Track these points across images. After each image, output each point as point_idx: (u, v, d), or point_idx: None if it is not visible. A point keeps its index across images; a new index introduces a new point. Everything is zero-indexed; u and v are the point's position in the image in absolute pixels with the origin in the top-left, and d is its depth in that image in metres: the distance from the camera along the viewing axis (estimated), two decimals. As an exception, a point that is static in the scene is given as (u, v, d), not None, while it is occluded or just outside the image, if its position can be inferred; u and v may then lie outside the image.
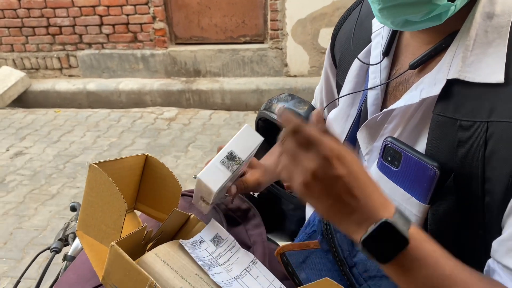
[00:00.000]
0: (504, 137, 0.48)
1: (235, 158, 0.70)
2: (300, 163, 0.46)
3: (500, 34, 0.52)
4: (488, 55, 0.52)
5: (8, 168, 2.99)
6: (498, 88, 0.50)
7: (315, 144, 0.45)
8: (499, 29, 0.52)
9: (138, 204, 0.74)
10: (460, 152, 0.52)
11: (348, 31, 0.78)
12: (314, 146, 0.45)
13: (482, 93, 0.51)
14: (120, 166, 0.65)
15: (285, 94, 0.99)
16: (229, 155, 0.70)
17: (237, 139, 0.72)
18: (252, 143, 0.73)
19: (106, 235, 0.59)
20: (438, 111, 0.55)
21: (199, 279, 0.62)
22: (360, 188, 0.46)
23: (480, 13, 0.53)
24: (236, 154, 0.71)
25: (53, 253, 0.83)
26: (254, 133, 0.74)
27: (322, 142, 0.45)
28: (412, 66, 0.61)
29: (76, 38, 4.17)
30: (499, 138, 0.48)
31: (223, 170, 0.70)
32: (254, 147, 0.73)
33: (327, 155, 0.45)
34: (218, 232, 0.73)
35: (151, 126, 3.62)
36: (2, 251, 2.18)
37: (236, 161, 0.70)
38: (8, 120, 3.82)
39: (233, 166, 0.70)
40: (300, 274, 0.70)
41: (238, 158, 0.70)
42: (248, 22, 4.02)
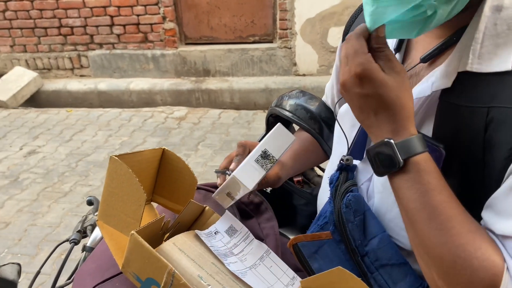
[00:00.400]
0: (502, 122, 0.50)
1: (269, 157, 0.71)
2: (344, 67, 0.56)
3: (509, 25, 0.53)
4: (497, 46, 0.53)
5: (22, 167, 3.04)
6: (503, 76, 0.52)
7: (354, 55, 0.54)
8: (508, 21, 0.53)
9: (155, 196, 0.76)
10: (463, 137, 0.54)
11: None
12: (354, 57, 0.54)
13: (487, 81, 0.53)
14: (139, 159, 0.67)
15: (296, 91, 1.00)
16: (263, 154, 0.71)
17: (270, 138, 0.73)
18: (284, 142, 0.74)
19: (126, 225, 0.62)
20: (444, 98, 0.57)
21: (215, 267, 0.64)
22: (387, 105, 0.54)
23: (489, 6, 0.54)
24: (270, 152, 0.71)
25: (72, 244, 0.86)
26: (287, 132, 0.74)
27: (357, 56, 0.54)
28: (423, 60, 0.63)
29: (87, 39, 4.23)
30: (498, 123, 0.50)
31: (258, 168, 0.71)
32: (287, 146, 0.74)
33: (356, 72, 0.54)
34: (232, 224, 0.75)
35: (161, 125, 3.66)
36: (17, 248, 2.22)
37: (270, 159, 0.71)
38: (21, 119, 3.88)
39: (267, 164, 0.71)
40: (313, 264, 0.71)
41: (272, 157, 0.71)
42: (257, 21, 4.04)
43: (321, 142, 0.94)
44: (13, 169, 3.01)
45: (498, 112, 0.50)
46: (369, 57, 0.54)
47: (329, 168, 0.82)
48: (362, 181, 0.72)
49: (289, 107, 0.96)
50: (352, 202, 0.65)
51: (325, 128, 0.94)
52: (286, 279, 0.70)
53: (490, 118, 0.51)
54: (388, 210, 0.64)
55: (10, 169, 3.01)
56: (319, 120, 0.94)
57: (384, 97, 0.54)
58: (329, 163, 0.84)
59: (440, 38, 0.61)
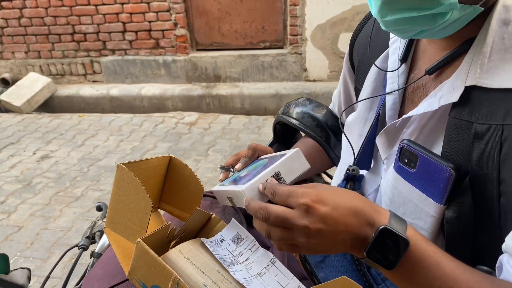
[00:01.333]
0: None
1: (280, 180, 0.70)
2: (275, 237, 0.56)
3: None
4: (505, 61, 0.53)
5: (35, 171, 3.09)
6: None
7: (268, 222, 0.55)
8: None
9: (161, 204, 0.77)
10: (475, 154, 0.53)
11: (366, 36, 0.79)
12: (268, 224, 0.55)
13: (498, 98, 0.52)
14: (146, 167, 0.68)
15: (302, 99, 1.00)
16: (275, 176, 0.70)
17: (286, 161, 0.71)
18: (299, 168, 0.72)
19: (133, 232, 0.62)
20: (454, 115, 0.56)
21: (220, 275, 0.64)
22: (333, 230, 0.51)
23: (496, 20, 0.54)
24: (282, 176, 0.70)
25: (81, 250, 0.87)
26: (303, 160, 0.73)
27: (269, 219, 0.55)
28: (428, 72, 0.62)
29: (100, 45, 4.29)
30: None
31: None
32: (300, 173, 0.72)
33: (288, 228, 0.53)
34: (238, 232, 0.75)
35: (172, 131, 3.68)
36: (29, 251, 2.25)
37: (281, 183, 0.70)
38: (34, 124, 3.95)
39: None
40: (319, 273, 0.71)
41: (283, 181, 0.70)
42: (268, 27, 4.06)
43: (328, 150, 0.94)
44: (26, 174, 3.06)
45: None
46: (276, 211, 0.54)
47: (337, 177, 0.82)
48: (369, 192, 0.72)
49: (296, 115, 0.96)
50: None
51: (331, 136, 0.94)
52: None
53: (506, 136, 0.50)
54: None
55: (24, 174, 3.06)
56: (326, 128, 0.94)
57: (330, 219, 0.51)
58: (337, 172, 0.84)
59: (446, 49, 0.61)
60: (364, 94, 0.76)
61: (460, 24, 0.54)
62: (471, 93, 0.55)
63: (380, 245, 0.50)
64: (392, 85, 0.69)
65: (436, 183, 0.56)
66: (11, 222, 2.50)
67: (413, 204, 0.60)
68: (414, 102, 0.65)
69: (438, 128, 0.59)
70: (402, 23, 0.54)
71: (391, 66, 0.70)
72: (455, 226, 0.55)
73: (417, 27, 0.54)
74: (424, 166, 0.57)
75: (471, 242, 0.56)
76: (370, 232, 0.51)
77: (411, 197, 0.60)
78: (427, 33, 0.56)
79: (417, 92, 0.65)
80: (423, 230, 0.60)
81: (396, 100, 0.68)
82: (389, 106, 0.68)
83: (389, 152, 0.68)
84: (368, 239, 0.51)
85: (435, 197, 0.56)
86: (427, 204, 0.58)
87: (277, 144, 1.10)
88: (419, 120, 0.62)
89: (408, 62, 0.68)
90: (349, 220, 0.51)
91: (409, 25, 0.54)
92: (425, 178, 0.57)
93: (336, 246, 0.53)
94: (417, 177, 0.59)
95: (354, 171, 0.71)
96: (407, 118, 0.63)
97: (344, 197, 0.52)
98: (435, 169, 0.55)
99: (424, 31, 0.55)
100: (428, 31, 0.55)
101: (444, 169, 0.54)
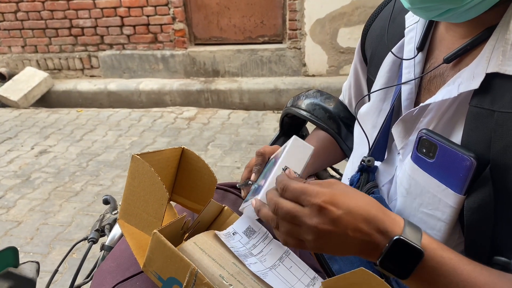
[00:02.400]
0: None
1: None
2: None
3: None
4: None
5: (34, 166, 3.07)
6: None
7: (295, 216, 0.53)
8: None
9: (174, 195, 0.76)
10: (497, 144, 0.52)
11: (380, 27, 0.78)
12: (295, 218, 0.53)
13: None
14: (159, 158, 0.67)
15: (313, 90, 0.99)
16: (284, 171, 0.69)
17: (288, 153, 0.70)
18: (304, 154, 0.70)
19: (148, 224, 0.61)
20: (475, 103, 0.55)
21: (236, 267, 0.63)
22: (341, 233, 0.51)
23: None
24: (291, 169, 0.69)
25: (90, 243, 0.86)
26: (304, 144, 0.71)
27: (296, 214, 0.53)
28: (446, 60, 0.61)
29: (97, 39, 4.26)
30: None
31: None
32: (307, 158, 0.71)
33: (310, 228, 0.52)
34: (250, 224, 0.75)
35: (171, 126, 3.67)
36: (29, 246, 2.24)
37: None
38: (32, 119, 3.92)
39: None
40: (333, 265, 0.71)
41: (296, 174, 0.68)
42: (267, 22, 4.04)
43: (340, 142, 0.93)
44: (24, 169, 3.04)
45: None
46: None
47: (349, 169, 0.82)
48: (383, 183, 0.71)
49: (307, 106, 0.95)
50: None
51: (343, 128, 0.93)
52: (307, 280, 0.69)
53: None
54: (411, 215, 0.63)
55: (22, 169, 3.04)
56: (338, 119, 0.93)
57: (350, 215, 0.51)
58: (349, 163, 0.84)
59: (465, 37, 0.60)
60: (378, 85, 0.75)
61: (486, 5, 0.53)
62: (492, 81, 0.54)
63: (394, 256, 0.50)
64: (408, 74, 0.68)
65: (456, 173, 0.55)
66: (11, 217, 2.49)
67: (431, 194, 0.59)
68: (431, 91, 0.64)
69: (457, 117, 0.59)
70: (429, 0, 0.53)
71: (407, 55, 0.69)
72: (475, 217, 0.55)
73: (443, 5, 0.53)
74: (444, 156, 0.56)
75: (491, 232, 0.55)
76: (382, 240, 0.51)
77: (429, 187, 0.59)
78: (451, 14, 0.55)
79: (434, 81, 0.65)
80: (441, 221, 0.59)
81: (413, 90, 0.67)
82: (405, 96, 0.68)
83: (405, 141, 0.67)
84: (380, 247, 0.51)
85: (455, 187, 0.56)
86: (445, 194, 0.57)
87: (283, 137, 1.09)
88: (437, 109, 0.61)
89: (424, 51, 0.67)
90: (359, 226, 0.50)
91: (436, 2, 0.53)
92: (445, 168, 0.57)
93: (343, 249, 0.53)
94: (436, 167, 0.58)
95: (369, 162, 0.70)
96: (424, 106, 0.62)
97: (360, 201, 0.52)
98: (455, 158, 0.55)
99: (450, 11, 0.54)
100: (454, 10, 0.54)
101: (465, 159, 0.53)
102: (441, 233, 0.60)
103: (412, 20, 0.70)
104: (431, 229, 0.61)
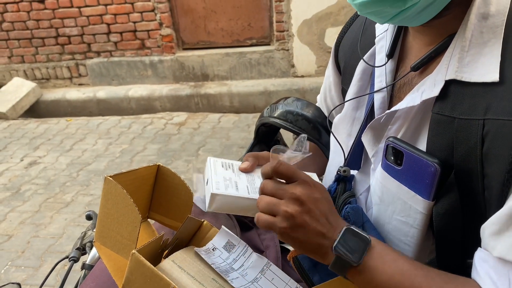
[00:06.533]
0: (499, 135, 0.49)
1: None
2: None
3: (495, 34, 0.53)
4: (483, 55, 0.53)
5: (23, 178, 3.04)
6: (493, 86, 0.51)
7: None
8: (494, 29, 0.53)
9: (151, 213, 0.76)
10: (459, 149, 0.53)
11: (351, 38, 0.79)
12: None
13: (478, 92, 0.52)
14: (134, 177, 0.67)
15: (291, 99, 0.99)
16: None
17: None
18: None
19: (122, 246, 0.61)
20: (437, 110, 0.56)
21: (216, 283, 0.63)
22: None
23: (475, 14, 0.54)
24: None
25: (71, 262, 0.85)
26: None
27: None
28: (413, 68, 0.62)
29: (84, 47, 4.24)
30: (494, 135, 0.49)
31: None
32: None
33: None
34: (229, 239, 0.74)
35: (161, 132, 3.66)
36: (20, 260, 2.22)
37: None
38: (21, 130, 3.89)
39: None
40: (313, 277, 0.71)
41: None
42: (254, 24, 4.04)
43: (324, 150, 0.93)
44: (14, 181, 3.01)
45: (494, 125, 0.49)
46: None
47: (326, 179, 0.82)
48: (361, 191, 0.72)
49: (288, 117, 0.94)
50: (350, 215, 0.64)
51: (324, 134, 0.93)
52: None
53: (487, 131, 0.50)
54: (386, 222, 0.64)
55: (12, 181, 3.02)
56: (319, 127, 0.93)
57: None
58: (326, 173, 0.84)
59: (430, 45, 0.61)
60: (350, 94, 0.75)
61: (436, 9, 0.54)
62: (452, 88, 0.55)
63: (346, 241, 0.54)
64: (380, 83, 0.68)
65: (422, 179, 0.56)
66: (1, 231, 2.47)
67: (402, 201, 0.60)
68: (401, 99, 0.65)
69: (423, 125, 0.59)
70: (372, 4, 0.54)
71: (378, 64, 0.69)
72: (444, 222, 0.56)
73: (387, 8, 0.54)
74: (410, 163, 0.57)
75: (461, 237, 0.56)
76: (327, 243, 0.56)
77: (400, 194, 0.60)
78: (402, 17, 0.55)
79: (403, 89, 0.65)
80: (413, 228, 0.60)
81: (385, 98, 0.67)
82: (378, 104, 0.68)
83: (376, 149, 0.68)
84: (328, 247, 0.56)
85: (423, 193, 0.57)
86: (415, 201, 0.58)
87: (258, 145, 1.09)
88: (404, 116, 0.62)
89: (394, 58, 0.68)
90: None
91: (379, 6, 0.54)
92: (412, 175, 0.57)
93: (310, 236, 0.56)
94: (404, 174, 0.59)
95: (345, 172, 0.70)
96: (391, 113, 0.63)
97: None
98: (421, 165, 0.55)
99: (399, 15, 0.55)
100: (402, 14, 0.54)
101: (429, 165, 0.54)
102: (414, 239, 0.61)
103: (382, 29, 0.70)
104: (404, 236, 0.62)
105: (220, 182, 0.69)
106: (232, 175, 0.72)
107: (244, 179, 0.71)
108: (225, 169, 0.73)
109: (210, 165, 0.73)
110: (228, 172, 0.72)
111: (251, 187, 0.69)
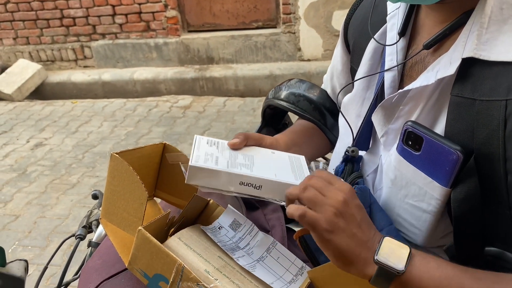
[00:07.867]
0: None
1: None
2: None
3: None
4: (503, 33, 0.51)
5: (29, 159, 3.06)
6: None
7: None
8: None
9: (157, 192, 0.75)
10: (480, 133, 0.51)
11: (361, 16, 0.77)
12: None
13: (500, 72, 0.50)
14: (140, 155, 0.66)
15: (294, 80, 0.98)
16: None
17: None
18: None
19: (129, 223, 0.61)
20: (456, 92, 0.54)
21: (222, 261, 0.63)
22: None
23: None
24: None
25: (78, 240, 0.86)
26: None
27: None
28: (426, 46, 0.60)
29: (90, 29, 4.21)
30: None
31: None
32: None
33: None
34: (235, 217, 0.74)
35: (166, 115, 3.65)
36: (27, 240, 2.25)
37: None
38: (27, 112, 3.90)
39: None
40: (320, 257, 0.70)
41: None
42: (260, 6, 3.98)
43: (327, 132, 0.92)
44: (20, 162, 3.03)
45: None
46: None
47: (334, 159, 0.81)
48: (368, 172, 0.71)
49: (290, 98, 0.93)
50: (358, 195, 0.63)
51: (329, 117, 0.92)
52: (295, 269, 0.69)
53: (510, 111, 0.48)
54: (396, 205, 0.63)
55: (18, 162, 3.04)
56: (323, 109, 0.92)
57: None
58: (334, 153, 0.83)
59: (444, 22, 0.59)
60: (360, 73, 0.74)
61: None
62: (472, 68, 0.53)
63: (387, 250, 0.52)
64: (391, 62, 0.67)
65: (442, 166, 0.54)
66: (8, 211, 2.49)
67: (416, 187, 0.59)
68: (413, 78, 0.63)
69: (439, 107, 0.58)
70: None
71: (389, 42, 0.68)
72: (463, 208, 0.54)
73: None
74: (430, 149, 0.56)
75: (481, 223, 0.55)
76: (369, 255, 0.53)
77: (415, 180, 0.59)
78: None
79: (415, 67, 0.64)
80: (426, 213, 0.59)
81: (396, 77, 0.66)
82: (388, 83, 0.67)
83: (385, 129, 0.66)
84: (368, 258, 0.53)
85: (441, 180, 0.55)
86: (431, 187, 0.57)
87: (266, 128, 1.08)
88: (417, 96, 0.60)
89: (406, 36, 0.66)
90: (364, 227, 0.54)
91: None
92: (431, 161, 0.56)
93: (352, 240, 0.53)
94: (422, 160, 0.57)
95: (353, 152, 0.69)
96: (404, 93, 0.61)
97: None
98: (442, 152, 0.54)
99: None
100: None
101: (451, 152, 0.52)
102: (426, 224, 0.60)
103: (393, 6, 0.69)
104: (416, 220, 0.61)
105: (201, 156, 0.68)
106: (215, 151, 0.71)
107: (227, 155, 0.71)
108: (210, 145, 0.72)
109: (195, 142, 0.72)
110: (211, 149, 0.71)
111: (231, 162, 0.68)
